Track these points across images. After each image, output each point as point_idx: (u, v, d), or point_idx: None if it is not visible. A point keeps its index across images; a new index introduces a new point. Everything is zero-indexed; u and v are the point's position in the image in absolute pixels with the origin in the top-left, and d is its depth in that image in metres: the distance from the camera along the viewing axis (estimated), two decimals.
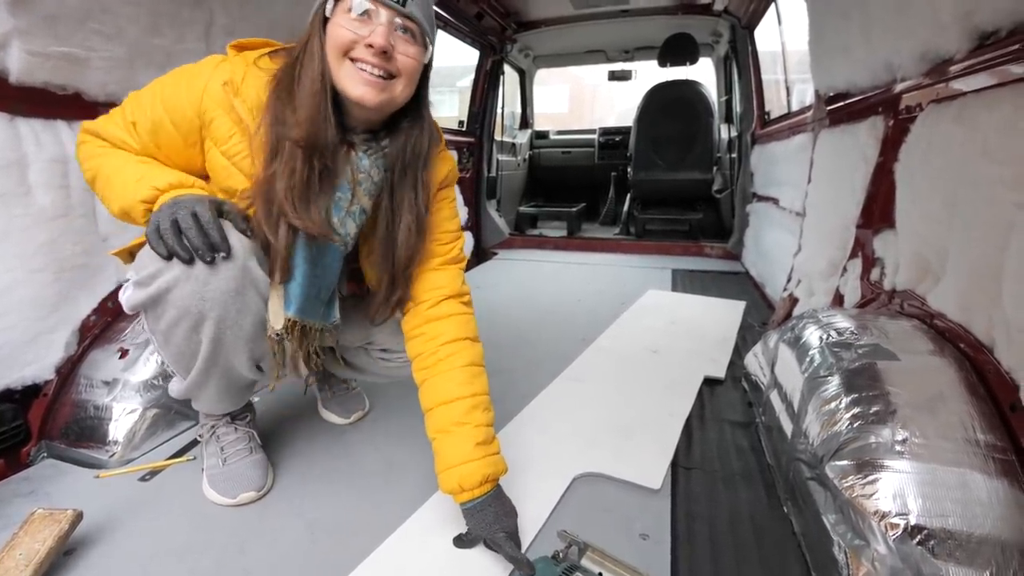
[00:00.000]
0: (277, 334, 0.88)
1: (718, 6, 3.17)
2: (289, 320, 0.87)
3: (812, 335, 1.03)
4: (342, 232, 0.90)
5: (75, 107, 1.22)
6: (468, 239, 3.64)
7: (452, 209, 1.03)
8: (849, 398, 0.81)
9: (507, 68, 4.06)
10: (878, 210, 1.27)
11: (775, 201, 2.52)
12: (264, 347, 0.91)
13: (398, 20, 0.77)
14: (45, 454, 1.18)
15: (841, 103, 1.62)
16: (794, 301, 1.78)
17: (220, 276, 0.77)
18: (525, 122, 4.89)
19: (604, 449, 1.14)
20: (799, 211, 2.00)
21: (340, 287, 1.10)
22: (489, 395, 0.93)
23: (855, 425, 0.76)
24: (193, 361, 0.86)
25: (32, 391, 1.17)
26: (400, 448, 1.18)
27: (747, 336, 1.90)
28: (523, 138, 4.73)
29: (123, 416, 1.19)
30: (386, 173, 0.89)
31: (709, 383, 1.51)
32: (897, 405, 0.76)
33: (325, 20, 0.78)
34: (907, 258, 1.11)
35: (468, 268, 3.39)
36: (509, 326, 2.08)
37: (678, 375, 1.53)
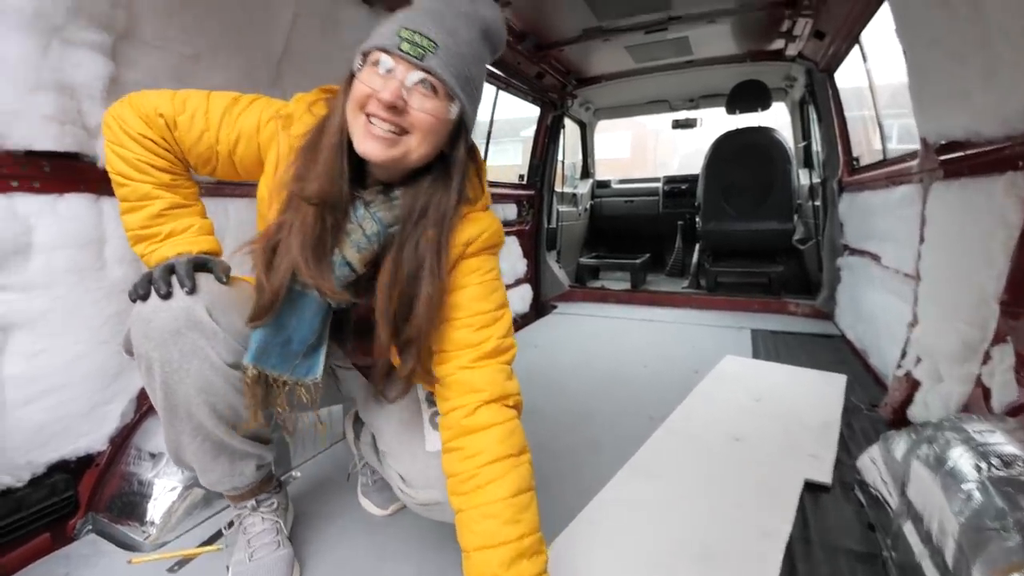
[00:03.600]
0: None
1: (791, 52, 3.00)
2: (245, 366, 0.83)
3: (963, 459, 0.79)
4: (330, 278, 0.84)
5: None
6: (527, 291, 3.55)
7: (487, 285, 0.86)
8: None
9: (568, 120, 4.06)
10: None
11: (875, 257, 2.23)
12: (233, 411, 0.86)
13: (418, 75, 0.72)
14: (90, 527, 1.16)
15: (960, 153, 1.39)
16: (914, 384, 1.50)
17: (161, 315, 0.79)
18: (586, 172, 4.85)
19: None
20: (909, 273, 1.72)
21: (361, 352, 1.03)
22: (539, 531, 0.79)
23: None
24: (156, 398, 0.84)
25: (86, 461, 1.17)
26: (435, 554, 1.05)
27: (853, 422, 1.61)
28: (584, 188, 4.67)
29: (163, 494, 1.15)
30: (389, 229, 0.83)
31: (812, 489, 1.25)
32: None
33: (353, 77, 0.77)
34: None
35: (526, 322, 3.28)
36: (566, 396, 1.91)
37: (770, 475, 1.30)
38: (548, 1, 2.32)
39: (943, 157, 1.50)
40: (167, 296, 0.78)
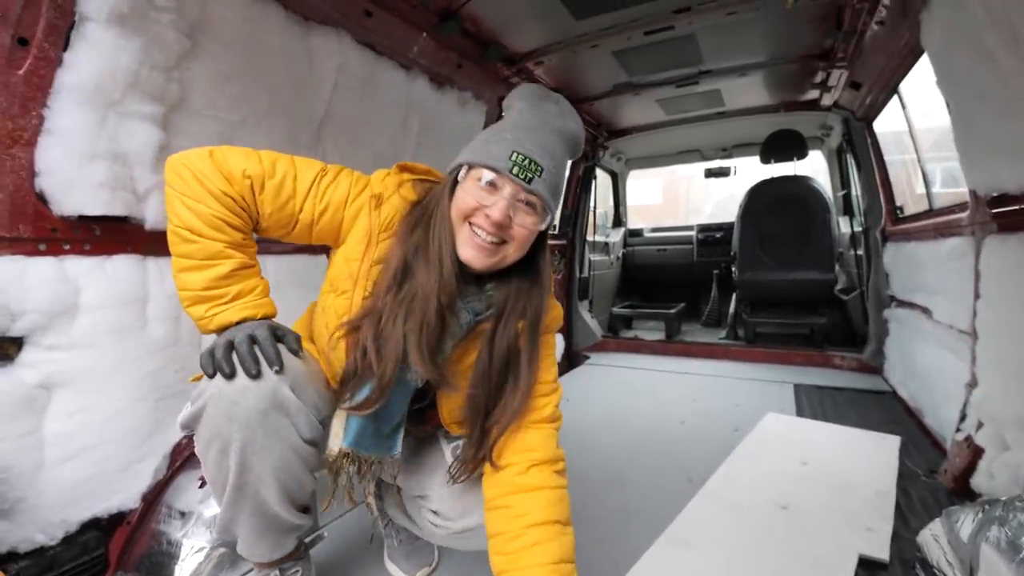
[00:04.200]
0: (332, 459, 0.87)
1: (826, 101, 2.98)
2: (343, 450, 0.86)
3: None
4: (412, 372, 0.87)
5: None
6: (559, 341, 3.51)
7: (550, 359, 0.94)
8: None
9: (599, 170, 4.10)
10: None
11: (925, 311, 2.11)
12: (299, 486, 0.85)
13: (525, 196, 0.80)
14: None
15: (1015, 207, 1.32)
16: (976, 450, 1.37)
17: (249, 396, 0.76)
18: (618, 220, 4.86)
19: None
20: (964, 329, 1.62)
21: (419, 424, 1.04)
22: None
23: None
24: (224, 489, 0.81)
25: (117, 519, 1.17)
26: None
27: (911, 490, 1.48)
28: (616, 236, 4.67)
29: (190, 556, 1.15)
30: (476, 318, 0.88)
31: (867, 565, 1.14)
32: None
33: (455, 183, 0.83)
34: None
35: (559, 373, 3.21)
36: (600, 455, 1.83)
37: (821, 550, 1.19)
38: (580, 59, 2.39)
39: (996, 210, 1.43)
40: (257, 376, 0.75)
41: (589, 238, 3.96)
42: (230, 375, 0.75)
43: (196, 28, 1.21)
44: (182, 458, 1.29)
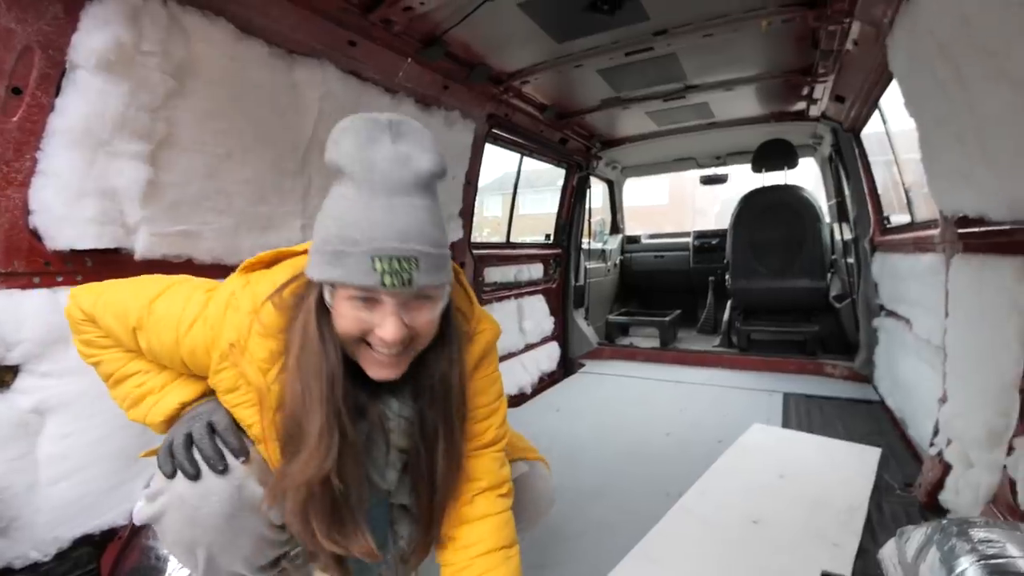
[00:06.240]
0: None
1: (814, 112, 3.00)
2: None
3: (967, 568, 0.74)
4: (386, 485, 0.83)
5: (187, 271, 1.39)
6: (554, 349, 3.55)
7: (489, 379, 0.89)
8: None
9: (596, 179, 4.13)
10: None
11: (907, 322, 2.12)
12: (270, 559, 0.86)
13: (411, 298, 0.68)
14: None
15: (976, 228, 1.35)
16: (946, 467, 1.39)
17: (212, 501, 0.73)
18: (615, 227, 4.89)
19: None
20: (939, 345, 1.64)
21: None
22: None
23: None
24: (195, 571, 0.82)
25: (108, 535, 1.23)
26: None
27: (884, 504, 1.51)
28: (613, 243, 4.70)
29: (176, 571, 1.20)
30: (415, 403, 0.81)
31: None
32: None
33: (321, 302, 0.70)
34: None
35: (553, 381, 3.27)
36: (583, 469, 1.87)
37: (786, 564, 1.22)
38: (566, 77, 2.44)
39: (962, 230, 1.45)
40: (224, 471, 0.72)
41: (585, 245, 4.00)
42: (194, 476, 0.72)
43: (182, 69, 1.27)
44: None
